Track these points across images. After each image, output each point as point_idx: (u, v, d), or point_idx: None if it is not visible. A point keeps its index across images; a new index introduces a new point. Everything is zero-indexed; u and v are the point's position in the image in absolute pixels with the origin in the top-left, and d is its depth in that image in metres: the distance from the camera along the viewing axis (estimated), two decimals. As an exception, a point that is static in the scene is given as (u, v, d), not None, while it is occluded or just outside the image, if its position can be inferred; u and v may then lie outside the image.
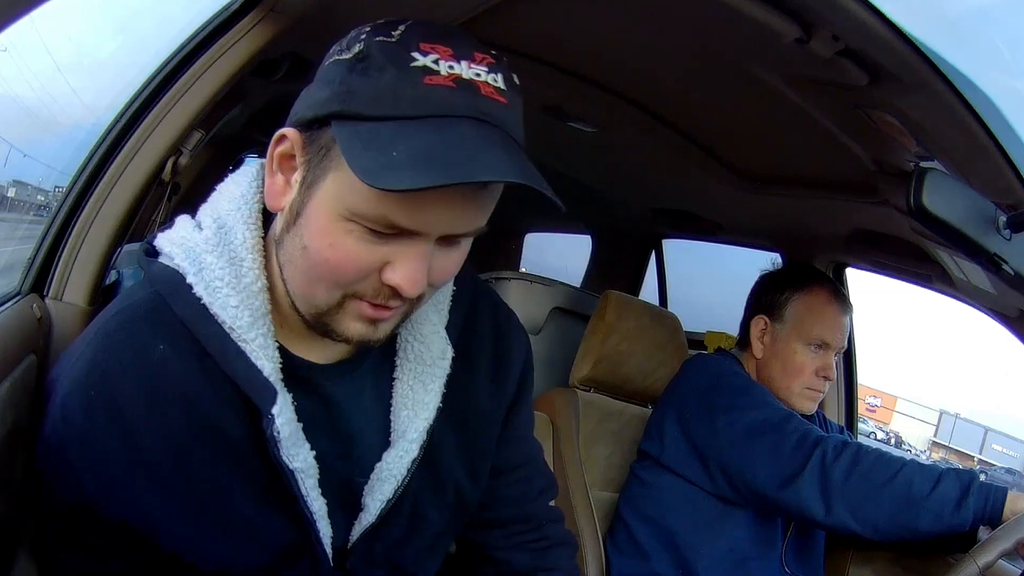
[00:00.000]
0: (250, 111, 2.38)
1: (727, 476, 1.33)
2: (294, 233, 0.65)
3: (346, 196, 0.60)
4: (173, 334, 0.67)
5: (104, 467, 0.65)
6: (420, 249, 0.62)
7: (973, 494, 1.14)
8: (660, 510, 1.41)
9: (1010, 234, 1.00)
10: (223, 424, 0.67)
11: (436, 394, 0.75)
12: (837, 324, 1.44)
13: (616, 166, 1.98)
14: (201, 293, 0.67)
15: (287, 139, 0.65)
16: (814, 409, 1.47)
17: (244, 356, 0.66)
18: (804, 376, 1.43)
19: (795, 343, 1.44)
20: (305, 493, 0.68)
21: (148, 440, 0.65)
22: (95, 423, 0.65)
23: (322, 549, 0.71)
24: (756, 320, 1.49)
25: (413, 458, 0.73)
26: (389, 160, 0.56)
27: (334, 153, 0.61)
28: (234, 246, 0.68)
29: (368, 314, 0.65)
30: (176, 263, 0.68)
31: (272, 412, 0.65)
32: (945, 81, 0.88)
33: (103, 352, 0.66)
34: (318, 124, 0.62)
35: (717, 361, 1.51)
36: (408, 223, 0.60)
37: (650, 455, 1.45)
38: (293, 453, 0.67)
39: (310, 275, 0.64)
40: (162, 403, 0.65)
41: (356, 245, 0.61)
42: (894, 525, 1.18)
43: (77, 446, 0.65)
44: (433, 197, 0.58)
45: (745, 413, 1.34)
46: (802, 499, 1.22)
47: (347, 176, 0.59)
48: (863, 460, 1.21)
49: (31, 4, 0.50)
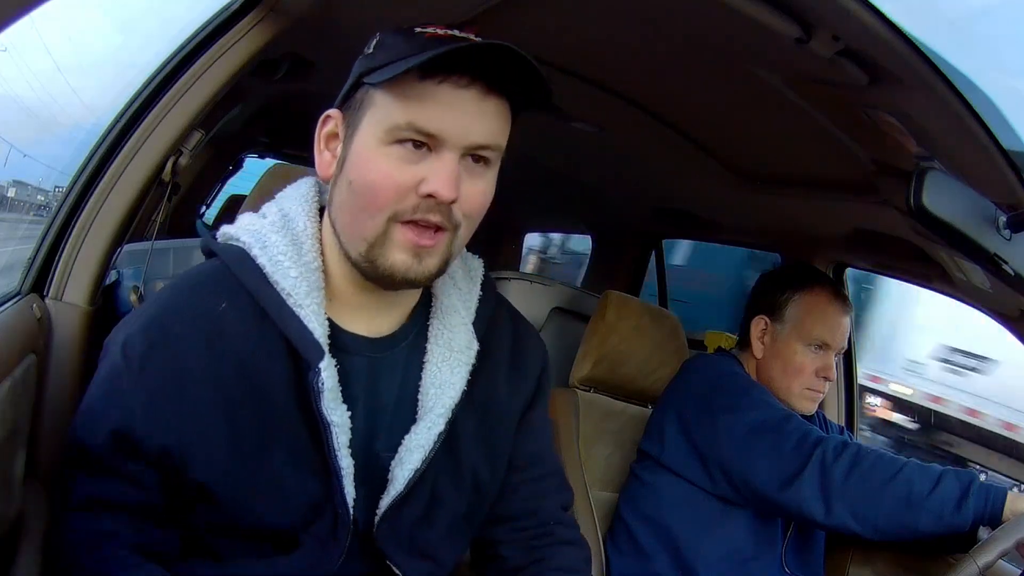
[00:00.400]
0: (250, 111, 2.39)
1: (727, 476, 1.33)
2: (340, 181, 0.76)
3: (379, 124, 0.72)
4: (235, 296, 0.76)
5: (154, 399, 0.73)
6: (448, 160, 0.72)
7: (973, 494, 1.14)
8: (660, 510, 1.41)
9: (1010, 234, 1.00)
10: (271, 377, 0.75)
11: (462, 378, 0.82)
12: (837, 325, 1.44)
13: (616, 166, 1.98)
14: (264, 263, 0.76)
15: (331, 119, 0.78)
16: (814, 409, 1.47)
17: (298, 319, 0.74)
18: (804, 376, 1.43)
19: (795, 343, 1.44)
20: (336, 447, 0.74)
21: (199, 383, 0.73)
22: (153, 360, 0.74)
23: (345, 511, 0.76)
24: (756, 320, 1.49)
25: (439, 432, 0.79)
26: (406, 62, 0.69)
27: (366, 101, 0.74)
28: (296, 231, 0.79)
29: (412, 240, 0.73)
30: (242, 241, 0.78)
31: (320, 367, 0.73)
32: (945, 81, 0.88)
33: (170, 303, 0.77)
34: (352, 92, 0.76)
35: (717, 361, 1.51)
36: (432, 125, 0.71)
37: (650, 455, 1.45)
38: (332, 407, 0.74)
39: (356, 206, 0.74)
40: (217, 352, 0.74)
41: (393, 166, 0.72)
42: (894, 525, 1.18)
43: (134, 376, 0.73)
44: (449, 99, 0.71)
45: (745, 413, 1.33)
46: (802, 499, 1.22)
47: (377, 108, 0.73)
48: (863, 460, 1.21)
49: (31, 4, 0.50)
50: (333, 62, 1.63)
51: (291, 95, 2.08)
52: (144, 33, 1.67)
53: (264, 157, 3.47)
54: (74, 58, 2.22)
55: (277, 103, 2.30)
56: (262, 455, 0.74)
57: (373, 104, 0.73)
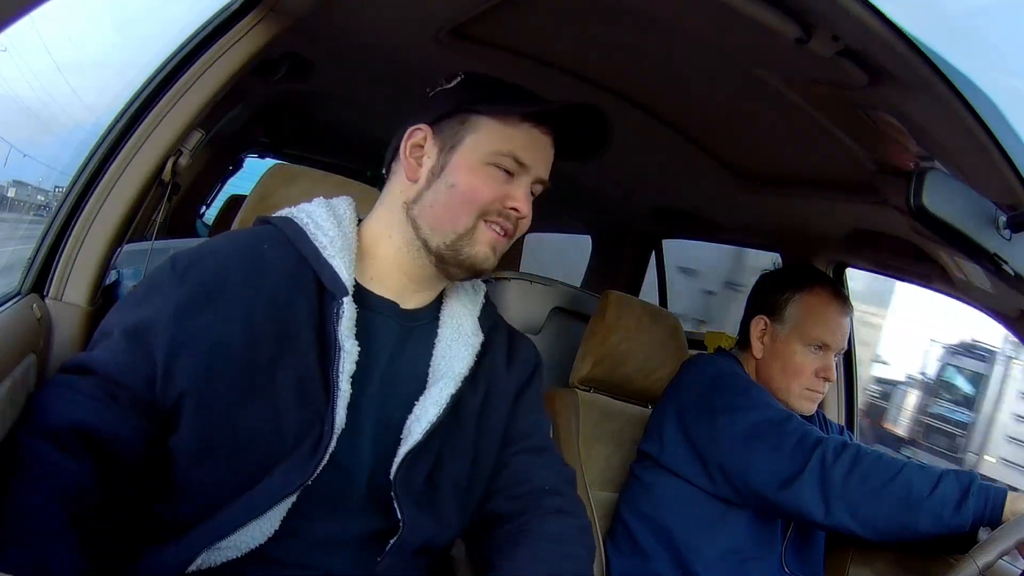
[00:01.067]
0: (250, 111, 2.38)
1: (727, 476, 1.33)
2: (437, 184, 0.92)
3: (484, 146, 0.91)
4: (278, 243, 0.90)
5: (188, 303, 0.83)
6: (525, 184, 0.93)
7: (973, 495, 1.14)
8: (660, 510, 1.41)
9: (1010, 234, 1.00)
10: (297, 306, 0.86)
11: (469, 355, 0.95)
12: (837, 325, 1.44)
13: (616, 166, 1.97)
14: (307, 223, 0.91)
15: (420, 131, 0.94)
16: (813, 410, 1.47)
17: (331, 266, 0.88)
18: (804, 377, 1.43)
19: (795, 344, 1.43)
20: (340, 370, 0.84)
21: (231, 300, 0.84)
22: (196, 269, 0.85)
23: (329, 436, 0.82)
24: (756, 320, 1.49)
25: (451, 394, 0.90)
26: (521, 107, 0.93)
27: (470, 123, 0.92)
28: (338, 213, 0.94)
29: (494, 237, 0.92)
30: (291, 214, 0.94)
31: (343, 300, 0.86)
32: (945, 81, 0.88)
33: (220, 239, 0.92)
34: (447, 116, 0.93)
35: (716, 361, 1.50)
36: (526, 156, 0.92)
37: (650, 455, 1.45)
38: (346, 335, 0.85)
39: (455, 204, 0.91)
40: (254, 278, 0.86)
41: (490, 181, 0.91)
42: (894, 526, 1.18)
43: (176, 280, 0.84)
44: (536, 142, 0.93)
45: (745, 414, 1.33)
46: (802, 500, 1.22)
47: (482, 135, 0.91)
48: (863, 461, 1.21)
49: (31, 4, 0.50)
50: (333, 62, 1.64)
51: (291, 95, 2.08)
52: (144, 33, 1.67)
53: (264, 157, 3.46)
54: (74, 58, 2.22)
55: (277, 103, 2.30)
56: (272, 372, 0.83)
57: (477, 129, 0.91)
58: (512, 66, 1.36)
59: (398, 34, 1.35)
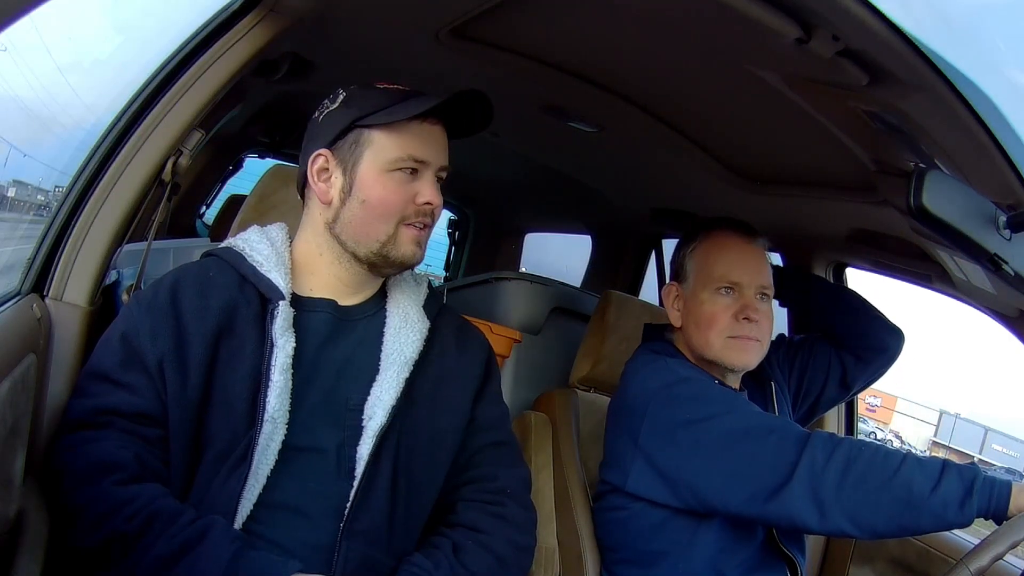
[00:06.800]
0: (250, 111, 2.38)
1: (699, 499, 1.22)
2: (349, 202, 1.01)
3: (381, 157, 1.00)
4: (222, 269, 1.02)
5: (158, 324, 0.96)
6: (429, 178, 1.02)
7: (977, 492, 1.07)
8: (637, 539, 1.31)
9: (1010, 234, 1.00)
10: (244, 316, 0.98)
11: (417, 340, 1.04)
12: (742, 259, 1.33)
13: (616, 166, 1.98)
14: (244, 248, 1.03)
15: (321, 156, 1.02)
16: (753, 360, 1.33)
17: (267, 279, 1.00)
18: (720, 324, 1.31)
19: (701, 293, 1.33)
20: (274, 362, 0.95)
21: (191, 316, 0.97)
22: (158, 298, 0.98)
23: (262, 419, 0.93)
24: (667, 289, 1.39)
25: (405, 377, 1.00)
26: (405, 110, 0.99)
27: (363, 139, 1.00)
28: (270, 236, 1.06)
29: (415, 235, 1.02)
30: (230, 243, 1.06)
31: (279, 303, 0.98)
32: (945, 81, 0.88)
33: (171, 273, 1.02)
34: (340, 136, 1.01)
35: (654, 369, 1.34)
36: (423, 154, 1.00)
37: (613, 484, 1.33)
38: (280, 332, 0.96)
39: (371, 217, 1.00)
40: (207, 298, 0.98)
41: (397, 186, 1.00)
42: (895, 527, 1.12)
43: (142, 309, 0.97)
44: (428, 136, 1.01)
45: (708, 424, 1.21)
46: (793, 510, 1.13)
47: (377, 147, 1.00)
48: (857, 460, 1.12)
49: (31, 4, 0.50)
50: (333, 62, 1.64)
51: (291, 95, 2.08)
52: (144, 33, 1.67)
53: (264, 157, 3.46)
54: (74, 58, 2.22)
55: (277, 103, 2.30)
56: (227, 372, 0.96)
57: (372, 143, 1.00)
58: (512, 66, 1.36)
59: (398, 34, 1.35)
